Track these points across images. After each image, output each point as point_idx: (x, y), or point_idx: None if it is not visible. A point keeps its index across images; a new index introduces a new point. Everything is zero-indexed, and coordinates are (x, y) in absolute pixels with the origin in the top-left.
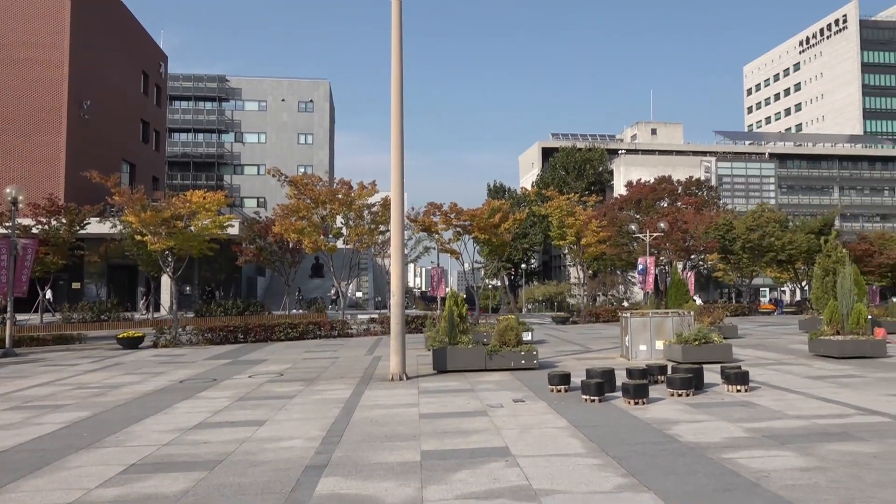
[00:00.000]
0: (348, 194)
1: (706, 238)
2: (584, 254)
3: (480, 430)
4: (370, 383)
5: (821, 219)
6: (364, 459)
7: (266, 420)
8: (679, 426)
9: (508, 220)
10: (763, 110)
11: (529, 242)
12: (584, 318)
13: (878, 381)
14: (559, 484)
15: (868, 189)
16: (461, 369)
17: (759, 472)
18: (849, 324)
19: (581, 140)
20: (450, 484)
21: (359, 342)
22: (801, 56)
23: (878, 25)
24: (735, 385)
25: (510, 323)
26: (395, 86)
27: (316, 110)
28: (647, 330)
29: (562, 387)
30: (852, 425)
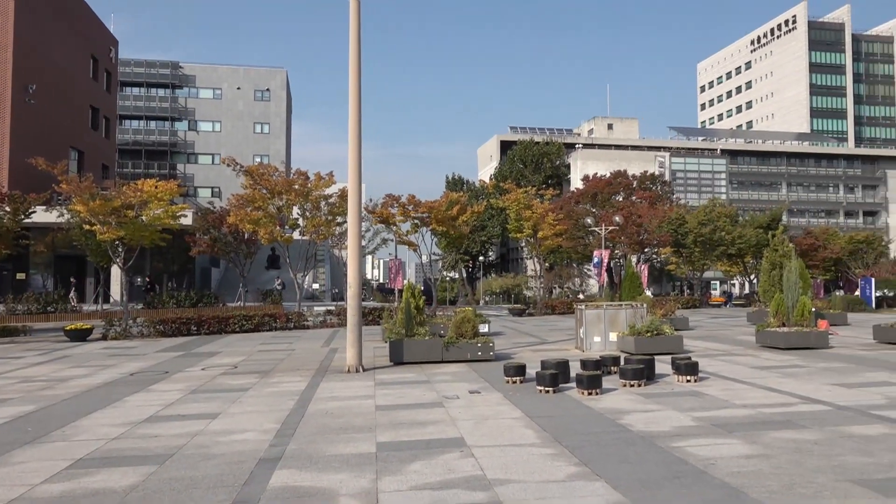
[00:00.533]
0: (305, 185)
1: (660, 232)
2: (541, 246)
3: (436, 422)
4: (326, 375)
5: (769, 214)
6: (319, 451)
7: (219, 413)
8: (631, 416)
9: (466, 212)
10: (716, 107)
11: (487, 235)
12: (541, 311)
13: (820, 371)
14: (513, 474)
15: (814, 186)
16: (418, 361)
17: (707, 459)
18: (794, 316)
19: (539, 134)
20: (405, 475)
21: (315, 334)
22: (753, 55)
23: (825, 27)
24: (685, 375)
25: (467, 315)
26: (352, 76)
27: (273, 99)
28: (601, 322)
29: (517, 378)
30: (795, 414)
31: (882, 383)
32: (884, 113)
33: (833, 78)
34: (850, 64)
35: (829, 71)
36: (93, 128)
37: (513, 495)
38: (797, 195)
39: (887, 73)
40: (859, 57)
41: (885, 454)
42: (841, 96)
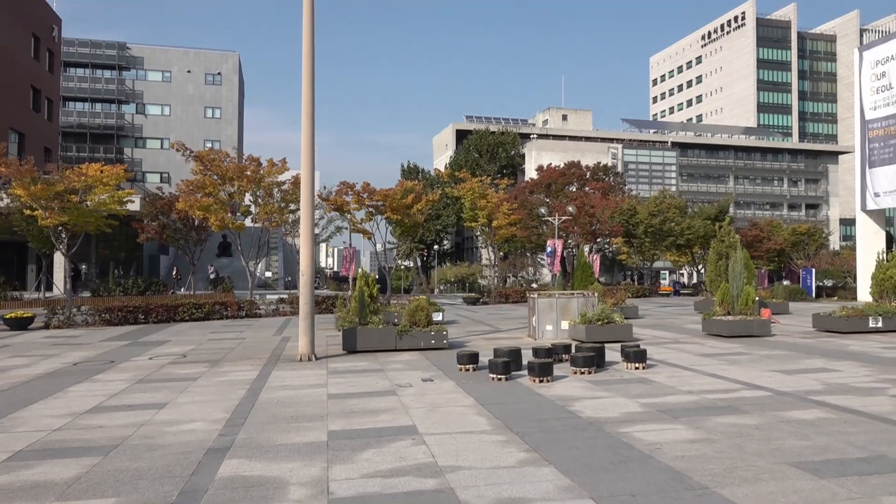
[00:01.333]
0: (257, 171)
1: (612, 222)
2: (496, 236)
3: (389, 410)
4: (278, 364)
5: (717, 206)
6: (269, 441)
7: (167, 403)
8: (580, 402)
9: (421, 200)
10: (667, 100)
11: (442, 224)
12: (495, 299)
13: (762, 357)
14: (464, 460)
15: (760, 179)
16: (371, 349)
17: (653, 444)
18: (738, 305)
19: (494, 123)
20: (356, 463)
21: (267, 323)
22: (703, 50)
23: (772, 24)
24: (634, 363)
25: (421, 303)
26: (305, 62)
27: (224, 83)
28: (553, 310)
29: (470, 366)
30: (737, 399)
31: (819, 370)
32: (826, 109)
33: (779, 74)
34: (796, 61)
35: (775, 67)
36: (34, 109)
37: (463, 481)
38: (744, 188)
39: (830, 70)
40: (804, 54)
41: (821, 438)
42: (786, 92)
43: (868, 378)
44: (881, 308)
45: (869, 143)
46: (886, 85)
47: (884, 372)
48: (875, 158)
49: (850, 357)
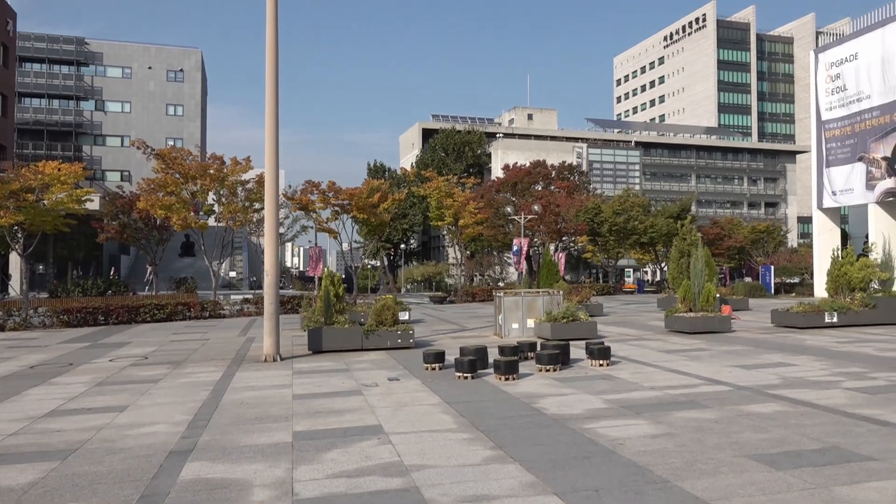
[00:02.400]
0: (221, 170)
1: (577, 221)
2: (462, 234)
3: (354, 410)
4: (242, 365)
5: (679, 204)
6: (233, 442)
7: (128, 405)
8: (545, 400)
9: (388, 199)
10: (631, 100)
11: (409, 223)
12: (461, 298)
13: (722, 353)
14: (430, 459)
15: (721, 178)
16: (337, 349)
17: (616, 440)
18: (700, 302)
19: (461, 122)
20: (321, 463)
21: (231, 323)
22: (666, 51)
23: (732, 26)
24: (598, 360)
25: (387, 303)
26: (269, 59)
27: (187, 80)
28: (519, 309)
29: (436, 365)
30: (698, 394)
31: (777, 364)
32: (784, 110)
33: (739, 75)
34: (755, 62)
35: (735, 68)
36: None
37: (429, 480)
38: (705, 187)
39: (788, 72)
40: (763, 56)
41: (778, 430)
42: (746, 93)
43: (823, 372)
44: (836, 304)
45: (826, 144)
46: (841, 86)
47: (838, 366)
48: (832, 158)
49: (806, 352)
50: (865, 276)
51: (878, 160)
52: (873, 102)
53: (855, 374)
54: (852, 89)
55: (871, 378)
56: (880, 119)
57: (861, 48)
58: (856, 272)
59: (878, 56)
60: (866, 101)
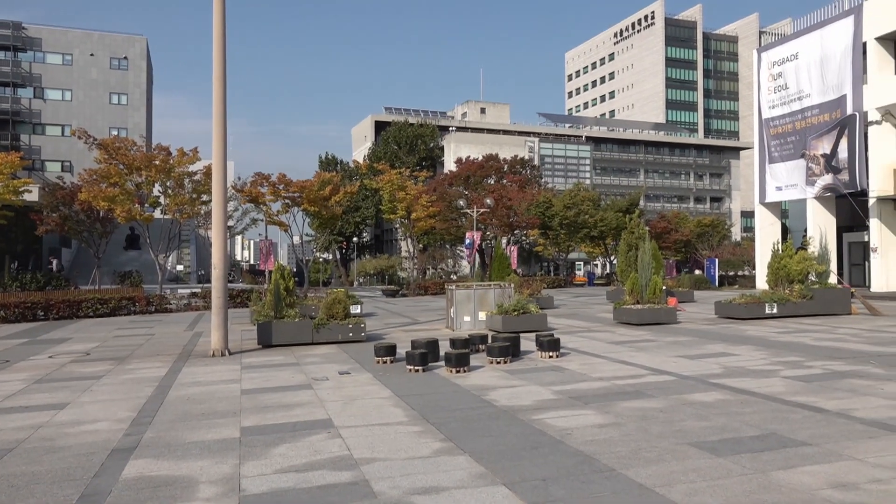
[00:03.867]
0: (167, 161)
1: (528, 214)
2: (415, 228)
3: (304, 404)
4: (189, 360)
5: (628, 199)
6: (178, 439)
7: (68, 403)
8: (496, 391)
9: (339, 192)
10: (582, 95)
11: (361, 216)
12: (414, 291)
13: (668, 344)
14: (379, 452)
15: (668, 173)
16: (287, 343)
17: (564, 430)
18: (647, 294)
19: (414, 115)
20: (269, 459)
21: (178, 318)
22: (616, 47)
23: (679, 24)
24: (548, 352)
25: (338, 296)
26: (216, 47)
27: (131, 68)
28: (470, 301)
29: (387, 358)
30: (644, 384)
31: (720, 354)
32: (728, 107)
33: (686, 73)
34: (701, 60)
35: (682, 66)
36: None
37: (378, 473)
38: (653, 181)
39: (732, 70)
40: (709, 54)
41: (719, 418)
42: (692, 90)
43: (763, 361)
44: (776, 295)
45: (768, 141)
46: (783, 85)
47: (777, 355)
48: (775, 155)
49: (747, 342)
50: (803, 269)
51: (818, 157)
52: (813, 101)
53: (792, 363)
54: (793, 88)
55: (808, 367)
56: (820, 117)
57: (801, 48)
58: (794, 265)
59: (818, 56)
60: (807, 99)
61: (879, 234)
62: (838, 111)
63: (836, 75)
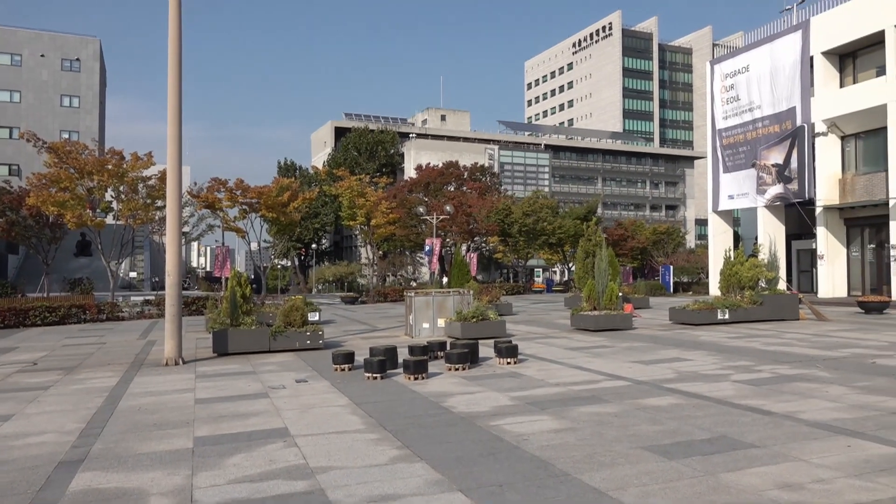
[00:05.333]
0: (120, 165)
1: (488, 221)
2: (375, 234)
3: (260, 413)
4: (141, 369)
5: (586, 206)
6: (129, 450)
7: (12, 415)
8: (454, 398)
9: (298, 198)
10: (541, 104)
11: (321, 222)
12: (373, 298)
13: (624, 350)
14: (336, 461)
15: (625, 181)
16: (243, 351)
17: (520, 435)
18: (603, 300)
19: (374, 122)
20: (223, 469)
21: (131, 326)
22: (574, 57)
23: (636, 35)
24: (506, 358)
25: (296, 303)
26: (172, 49)
27: (83, 70)
28: (430, 308)
29: (345, 366)
30: (600, 389)
31: (673, 359)
32: (683, 117)
33: (642, 83)
34: (657, 71)
35: (639, 76)
36: None
37: (334, 482)
38: (611, 189)
39: (687, 81)
40: (664, 65)
41: (672, 422)
42: (649, 100)
43: (715, 366)
44: (728, 301)
45: (722, 150)
46: (735, 97)
47: (728, 360)
48: (728, 164)
49: (700, 347)
50: (754, 276)
51: (769, 167)
52: (764, 112)
53: (743, 367)
54: (745, 99)
55: (757, 371)
56: (770, 128)
57: (752, 61)
58: (745, 272)
59: (768, 69)
60: (758, 110)
61: (826, 242)
62: (788, 122)
63: (785, 88)
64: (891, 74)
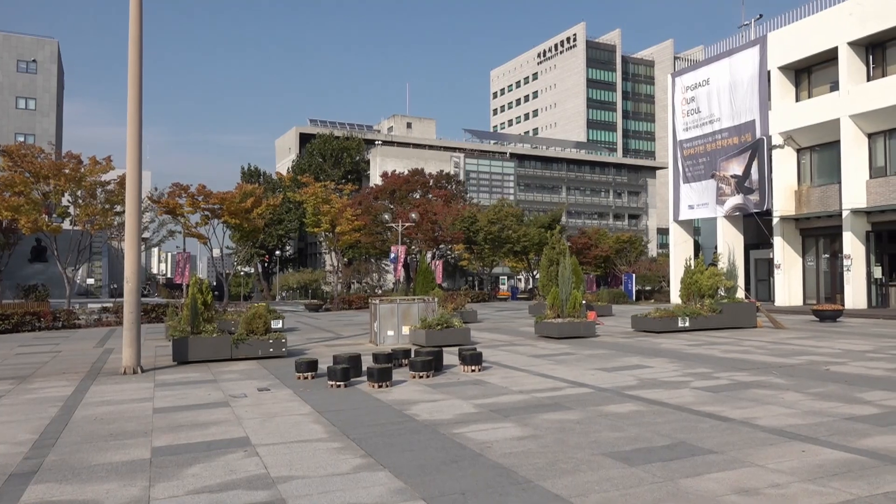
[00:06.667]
0: (77, 169)
1: (453, 229)
2: (339, 241)
3: (220, 422)
4: (98, 378)
5: (550, 215)
6: (84, 461)
7: None
8: (417, 406)
9: (262, 204)
10: (507, 113)
11: (285, 229)
12: (338, 306)
13: (587, 357)
14: (298, 470)
15: (589, 190)
16: (204, 360)
17: (484, 443)
18: (567, 308)
19: (339, 128)
20: (182, 479)
21: (88, 334)
22: (539, 67)
23: (599, 47)
24: (470, 365)
25: (258, 311)
26: (132, 51)
27: (40, 72)
28: (394, 316)
29: (309, 374)
30: (563, 397)
31: (635, 367)
32: (645, 128)
33: (606, 94)
34: (620, 82)
35: (602, 87)
36: None
37: (296, 491)
38: (575, 198)
39: (649, 93)
40: (627, 77)
41: (633, 429)
42: (612, 111)
43: (675, 373)
44: (688, 309)
45: (683, 161)
46: (695, 109)
47: (688, 367)
48: (689, 175)
49: (661, 354)
50: (713, 284)
51: (729, 178)
52: (723, 125)
53: (702, 374)
54: (705, 112)
55: (716, 378)
56: (729, 140)
57: (712, 74)
58: (705, 280)
59: (727, 82)
60: (717, 123)
61: (782, 252)
62: (747, 135)
63: (744, 101)
64: (843, 90)
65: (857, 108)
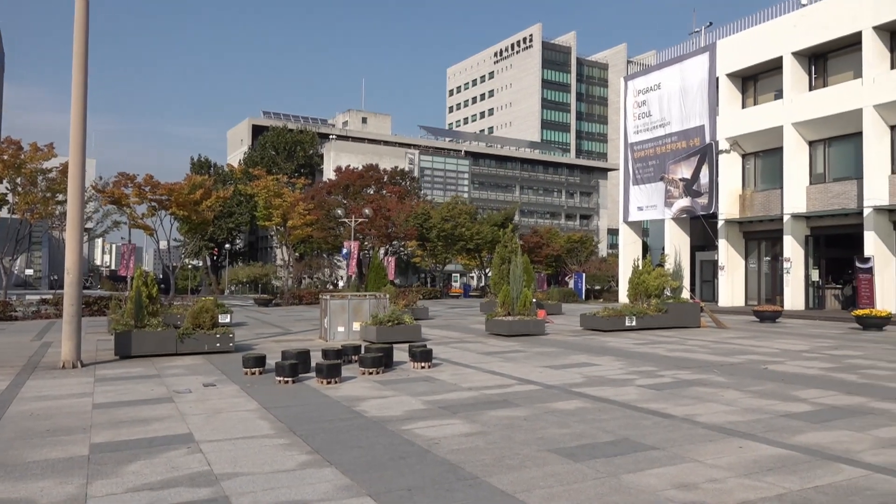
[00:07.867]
0: (17, 156)
1: (407, 226)
2: (291, 236)
3: (163, 418)
4: (35, 372)
5: (503, 213)
6: (17, 458)
7: None
8: (366, 402)
9: (212, 196)
10: (462, 111)
11: (235, 222)
12: (288, 301)
13: (536, 355)
14: (242, 466)
15: (542, 190)
16: (149, 354)
17: (431, 439)
18: (517, 306)
19: (293, 121)
20: (121, 477)
21: (25, 326)
22: (496, 66)
23: (555, 48)
24: (420, 362)
25: (205, 305)
26: (78, 34)
27: None
28: (345, 312)
29: (256, 369)
30: (511, 394)
31: (583, 364)
32: (598, 130)
33: (560, 95)
34: (574, 84)
35: (557, 88)
36: None
37: (240, 488)
38: (528, 197)
39: (602, 95)
40: (582, 79)
41: (578, 425)
42: (566, 112)
43: (621, 371)
44: (635, 309)
45: (634, 163)
46: (647, 112)
47: (633, 365)
48: (639, 177)
49: (608, 352)
50: (660, 284)
51: (677, 181)
52: (673, 129)
53: (647, 372)
54: (656, 115)
55: (660, 376)
56: (679, 144)
57: (663, 79)
58: (652, 280)
59: (678, 87)
60: (667, 126)
61: (726, 254)
62: (696, 139)
63: (693, 106)
64: (787, 98)
65: (799, 116)
